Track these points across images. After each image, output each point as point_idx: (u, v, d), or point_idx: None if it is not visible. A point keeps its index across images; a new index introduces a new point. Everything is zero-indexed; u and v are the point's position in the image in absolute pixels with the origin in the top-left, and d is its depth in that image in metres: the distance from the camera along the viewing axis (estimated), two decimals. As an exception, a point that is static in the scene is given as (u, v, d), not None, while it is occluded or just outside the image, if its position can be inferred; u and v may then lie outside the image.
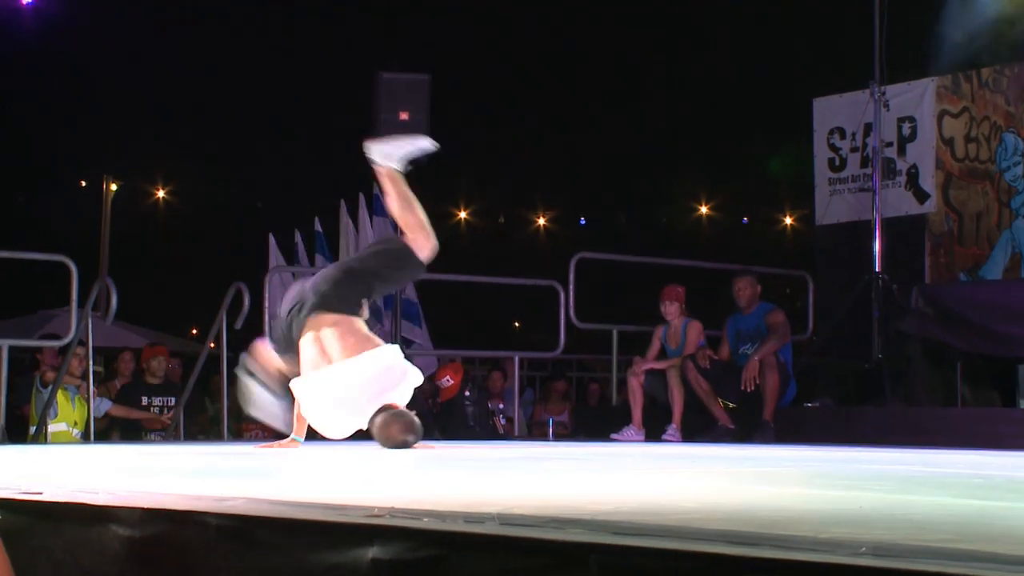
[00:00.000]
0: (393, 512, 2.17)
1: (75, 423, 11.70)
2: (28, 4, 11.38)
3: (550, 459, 5.83)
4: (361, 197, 14.20)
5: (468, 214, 31.47)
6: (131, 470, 4.41)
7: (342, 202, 14.46)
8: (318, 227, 14.14)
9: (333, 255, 14.22)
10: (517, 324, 31.08)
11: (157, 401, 12.43)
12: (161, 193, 27.65)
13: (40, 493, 2.77)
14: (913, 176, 11.90)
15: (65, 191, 27.94)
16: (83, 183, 27.68)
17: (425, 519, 2.08)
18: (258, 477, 3.95)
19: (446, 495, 2.94)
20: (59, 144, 27.33)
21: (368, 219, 14.15)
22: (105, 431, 12.18)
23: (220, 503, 2.39)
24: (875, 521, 2.38)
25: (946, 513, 2.73)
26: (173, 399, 12.32)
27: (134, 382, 12.87)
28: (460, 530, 1.96)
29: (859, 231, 11.73)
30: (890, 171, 11.78)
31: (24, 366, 13.79)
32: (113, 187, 25.40)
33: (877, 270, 11.02)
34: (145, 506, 2.43)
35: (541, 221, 32.34)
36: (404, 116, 11.78)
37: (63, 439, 11.41)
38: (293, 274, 13.81)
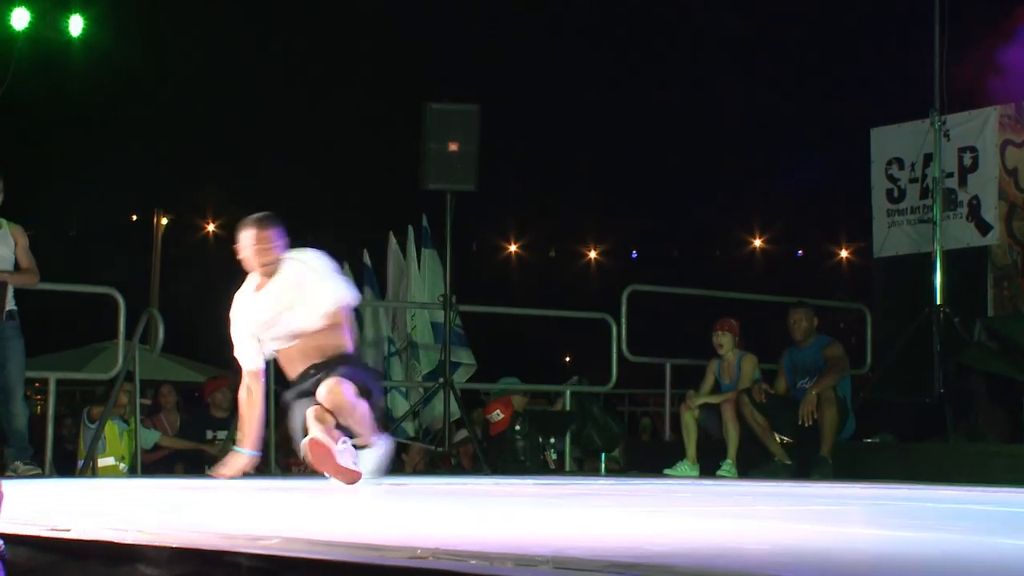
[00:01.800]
0: (437, 554, 1.99)
1: (123, 457, 11.62)
2: (76, 35, 11.35)
3: (602, 495, 5.64)
4: (410, 229, 14.07)
5: (519, 247, 31.31)
6: (169, 507, 4.26)
7: (391, 234, 14.35)
8: (366, 260, 14.01)
9: (381, 287, 14.08)
10: (568, 358, 30.87)
11: (222, 435, 12.17)
12: (211, 227, 27.72)
13: (68, 531, 2.62)
14: (975, 207, 11.64)
15: (116, 225, 28.06)
16: (134, 217, 27.80)
17: (472, 561, 1.90)
18: (298, 514, 3.79)
19: (494, 535, 2.76)
20: (110, 178, 27.44)
21: (416, 252, 14.01)
22: (168, 463, 12.05)
23: (254, 542, 2.22)
24: (966, 567, 2.18)
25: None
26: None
27: (199, 415, 12.76)
28: (511, 575, 1.77)
29: (919, 263, 11.47)
30: (951, 202, 11.52)
31: (76, 400, 13.77)
32: (164, 221, 25.51)
33: (938, 302, 10.77)
34: (175, 545, 2.26)
35: (592, 254, 32.15)
36: (453, 147, 11.69)
37: (111, 473, 11.32)
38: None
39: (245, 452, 6.72)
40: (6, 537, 2.23)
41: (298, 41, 27.62)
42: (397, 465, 12.19)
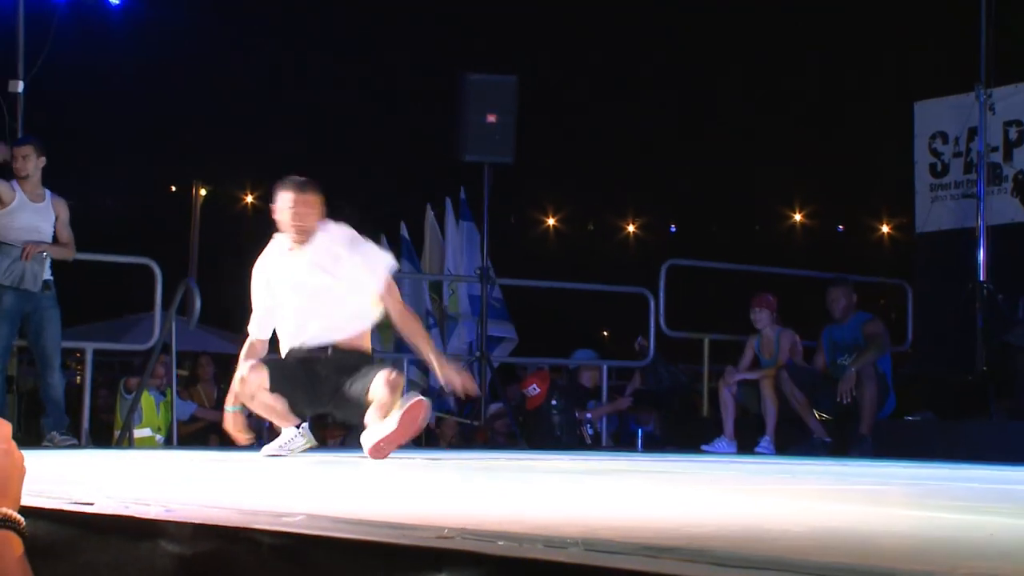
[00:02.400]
0: (465, 533, 1.92)
1: (159, 428, 11.62)
2: (116, 5, 11.28)
3: (639, 472, 5.57)
4: (448, 202, 14.02)
5: (557, 221, 31.19)
6: (197, 479, 4.21)
7: (428, 207, 14.29)
8: (404, 232, 13.96)
9: (419, 260, 14.03)
10: (606, 333, 30.78)
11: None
12: (249, 198, 27.74)
13: (91, 504, 2.56)
14: (1020, 182, 11.45)
15: (154, 196, 28.12)
16: (172, 188, 27.84)
17: (500, 542, 1.83)
18: (327, 489, 3.73)
19: (526, 513, 2.69)
20: (148, 149, 27.49)
21: (454, 224, 13.96)
22: (202, 435, 12.04)
23: (277, 519, 2.16)
24: (1006, 553, 2.09)
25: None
26: (280, 405, 12.06)
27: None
28: (539, 557, 1.70)
29: (962, 239, 11.31)
30: (996, 177, 11.35)
31: (113, 372, 13.78)
32: (202, 192, 25.53)
33: (981, 279, 10.62)
34: (196, 521, 2.20)
35: (631, 228, 31.99)
36: (491, 119, 11.60)
37: (147, 444, 11.33)
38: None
39: (232, 409, 6.65)
40: (28, 511, 2.17)
41: (337, 10, 27.54)
42: (431, 438, 12.17)
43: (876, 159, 21.61)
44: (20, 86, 10.56)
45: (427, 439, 12.45)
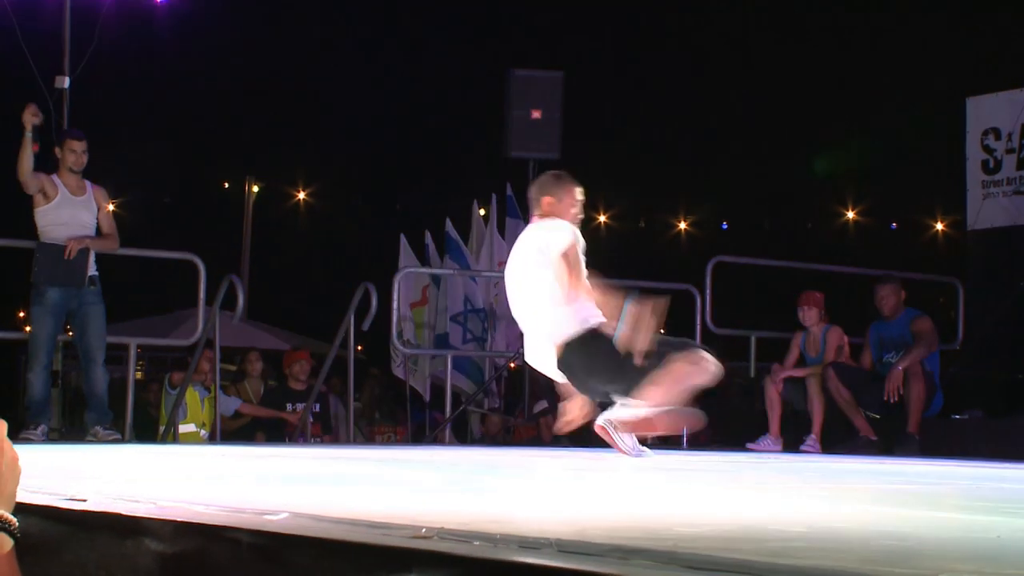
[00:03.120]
0: (442, 533, 1.87)
1: (203, 424, 11.64)
2: (162, 2, 11.32)
3: (664, 470, 5.51)
4: (494, 198, 13.97)
5: (608, 217, 31.05)
6: (209, 477, 4.18)
7: (474, 203, 14.25)
8: (449, 228, 13.94)
9: (467, 256, 14.00)
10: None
11: (300, 407, 12.07)
12: (301, 195, 27.82)
13: (84, 500, 2.54)
14: (1073, 178, 11.27)
15: (209, 192, 28.25)
16: (226, 184, 27.95)
17: (476, 542, 1.78)
18: (329, 485, 3.69)
19: (510, 512, 2.63)
20: (203, 145, 27.64)
21: (498, 221, 13.91)
22: (246, 432, 12.05)
23: (259, 518, 2.12)
24: (1010, 556, 2.01)
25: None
26: (317, 405, 12.04)
27: (280, 387, 12.72)
28: (507, 558, 1.65)
29: (1014, 236, 11.14)
30: (1048, 173, 11.17)
31: (165, 367, 13.84)
32: (255, 188, 25.62)
33: (1032, 276, 10.46)
34: (179, 519, 2.17)
35: (682, 225, 31.80)
36: (536, 114, 11.54)
37: (191, 440, 11.36)
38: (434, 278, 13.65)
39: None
40: (21, 507, 2.15)
41: (387, 5, 27.59)
42: (471, 435, 12.14)
43: (931, 156, 21.35)
44: (66, 82, 10.63)
45: (470, 435, 12.42)
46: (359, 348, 21.12)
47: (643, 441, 6.57)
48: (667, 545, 1.82)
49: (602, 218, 30.77)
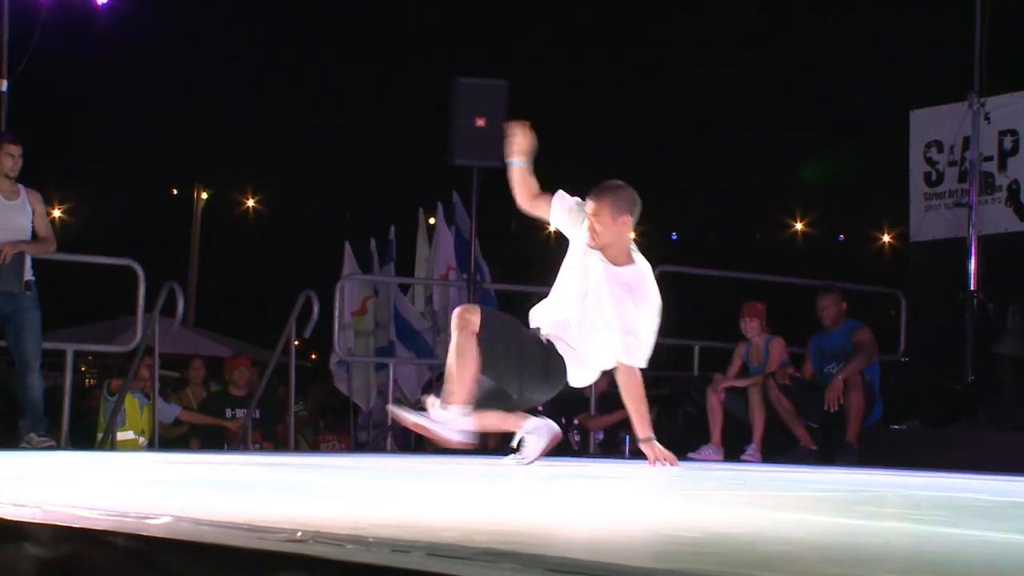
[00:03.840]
0: (318, 536, 1.84)
1: (142, 431, 11.53)
2: (103, 5, 11.19)
3: (584, 477, 5.49)
4: (439, 206, 13.94)
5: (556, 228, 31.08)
6: (120, 482, 4.12)
7: (420, 211, 14.22)
8: (392, 235, 13.91)
9: (398, 262, 14.00)
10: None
11: (240, 413, 12.00)
12: (251, 202, 27.66)
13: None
14: (1014, 192, 11.33)
15: (156, 199, 28.07)
16: (174, 191, 27.78)
17: (349, 546, 1.75)
18: (232, 490, 3.64)
19: (398, 516, 2.60)
20: (150, 153, 27.46)
21: (445, 228, 13.89)
22: (184, 439, 11.94)
23: (138, 522, 2.07)
24: (888, 560, 1.99)
25: (986, 550, 2.33)
26: (258, 411, 11.98)
27: (220, 393, 12.63)
28: (375, 562, 1.62)
29: (955, 248, 11.20)
30: (988, 186, 11.23)
31: (110, 374, 13.68)
32: (203, 195, 25.46)
33: (972, 288, 10.51)
34: (58, 523, 2.12)
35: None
36: (480, 122, 11.51)
37: (129, 447, 11.24)
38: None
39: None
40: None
41: (333, 15, 27.53)
42: (412, 443, 12.08)
43: (879, 168, 21.50)
44: (4, 85, 10.50)
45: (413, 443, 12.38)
46: (313, 356, 21.04)
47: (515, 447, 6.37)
48: (537, 549, 1.80)
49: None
